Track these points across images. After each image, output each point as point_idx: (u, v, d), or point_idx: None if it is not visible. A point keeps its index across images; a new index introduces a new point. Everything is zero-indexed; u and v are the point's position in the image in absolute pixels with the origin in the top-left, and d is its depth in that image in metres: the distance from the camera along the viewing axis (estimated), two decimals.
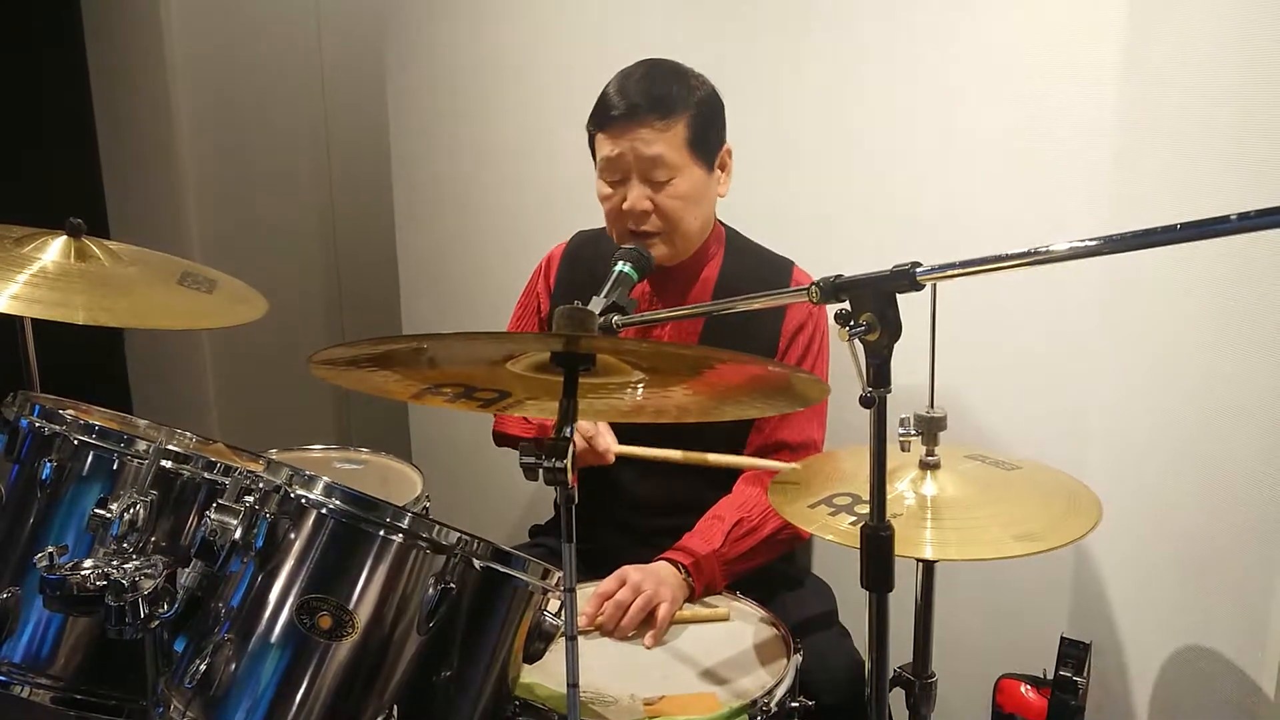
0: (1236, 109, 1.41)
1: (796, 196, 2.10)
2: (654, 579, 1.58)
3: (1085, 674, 1.58)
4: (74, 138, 3.31)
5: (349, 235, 3.46)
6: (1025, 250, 1.02)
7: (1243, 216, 0.84)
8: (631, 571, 1.58)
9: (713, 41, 2.10)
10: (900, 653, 1.42)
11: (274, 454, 1.97)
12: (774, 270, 1.82)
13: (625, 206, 1.69)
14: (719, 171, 1.77)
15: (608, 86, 1.72)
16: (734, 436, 1.77)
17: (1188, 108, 1.51)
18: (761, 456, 1.77)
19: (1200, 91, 1.49)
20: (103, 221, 3.33)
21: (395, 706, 1.22)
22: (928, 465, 1.41)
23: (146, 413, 2.35)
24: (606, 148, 1.70)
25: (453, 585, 1.24)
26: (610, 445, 1.69)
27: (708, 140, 1.72)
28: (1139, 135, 1.65)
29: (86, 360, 3.19)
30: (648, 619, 1.55)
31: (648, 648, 1.52)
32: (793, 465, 1.59)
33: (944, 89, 1.89)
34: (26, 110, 3.23)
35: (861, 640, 1.27)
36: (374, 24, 2.91)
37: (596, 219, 1.82)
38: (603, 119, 1.70)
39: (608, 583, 1.58)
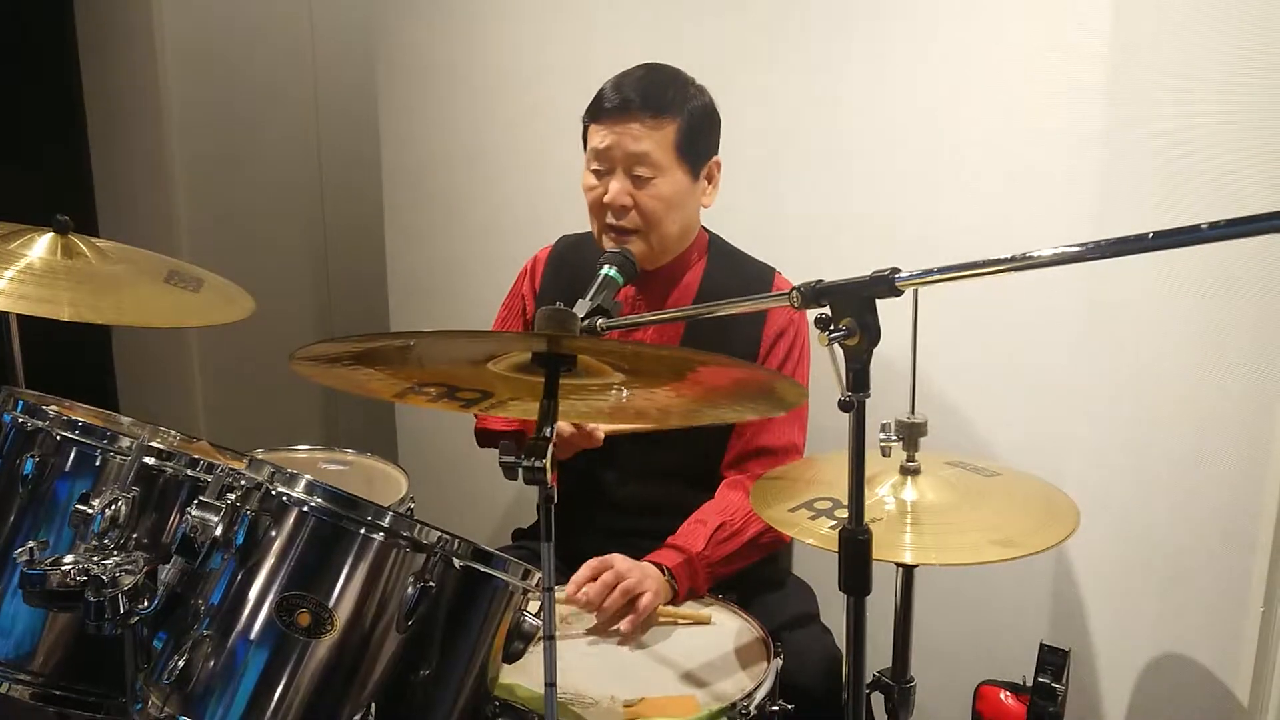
0: (1221, 119, 1.42)
1: (782, 203, 2.11)
2: (640, 570, 1.59)
3: (1064, 681, 1.59)
4: (65, 137, 3.31)
5: (338, 236, 3.47)
6: (1001, 257, 1.03)
7: (1213, 226, 0.86)
8: (619, 559, 1.59)
9: (699, 48, 2.11)
10: (880, 657, 1.43)
11: (260, 454, 1.96)
12: (756, 277, 1.84)
13: (606, 199, 1.71)
14: (705, 182, 1.78)
15: (607, 82, 1.74)
16: (715, 441, 1.78)
17: (1173, 118, 1.53)
18: (742, 461, 1.79)
19: (1185, 101, 1.50)
20: (93, 221, 3.33)
21: (373, 705, 1.22)
22: (908, 471, 1.42)
23: (133, 411, 2.34)
24: (597, 139, 1.72)
25: (432, 584, 1.24)
26: (598, 425, 1.70)
27: (696, 147, 1.73)
28: (1124, 146, 1.66)
29: (75, 358, 3.19)
30: (628, 606, 1.55)
31: (624, 632, 1.53)
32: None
33: (931, 97, 1.91)
34: (18, 109, 3.23)
35: (843, 643, 1.28)
36: (366, 24, 2.91)
37: (582, 223, 1.83)
38: (597, 111, 1.73)
39: (594, 562, 1.59)
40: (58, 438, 1.51)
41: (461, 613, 1.28)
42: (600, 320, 1.47)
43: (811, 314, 1.15)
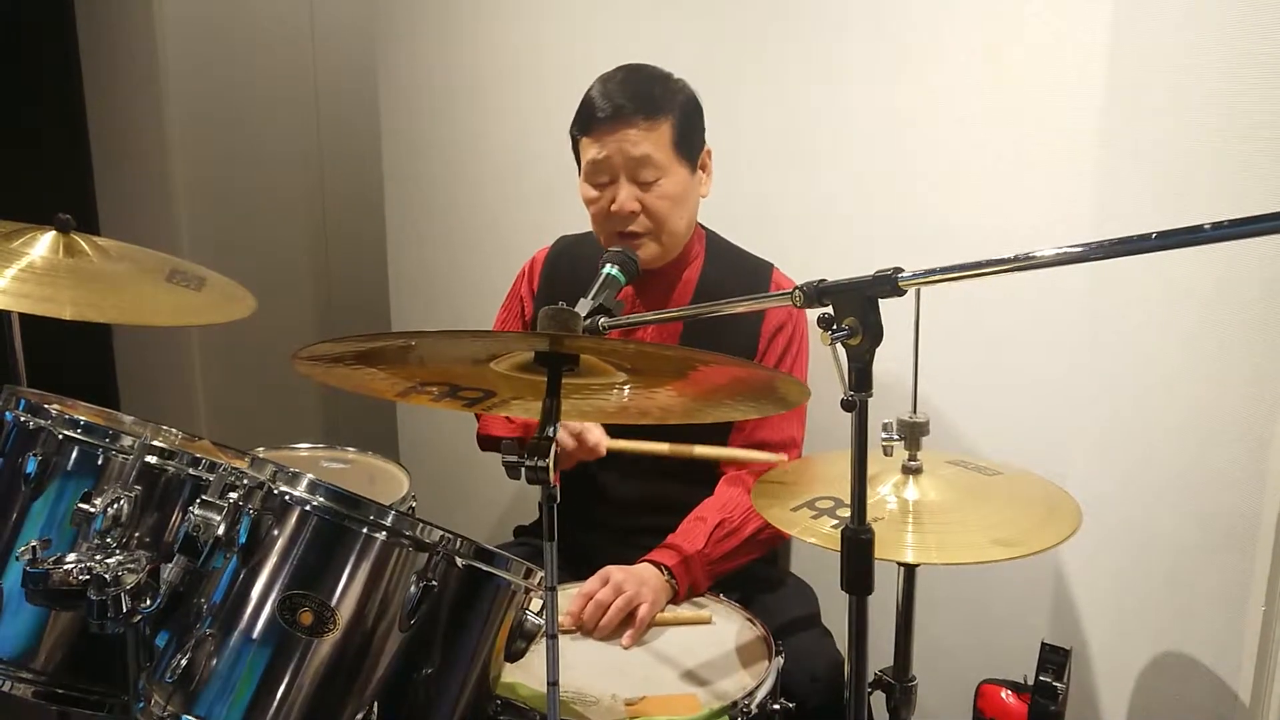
0: (1222, 117, 1.42)
1: (778, 199, 2.11)
2: (636, 580, 1.58)
3: (1065, 680, 1.59)
4: (66, 136, 3.31)
5: (339, 235, 3.47)
6: (1005, 257, 1.03)
7: (1216, 226, 0.86)
8: (614, 571, 1.59)
9: (697, 45, 2.11)
10: (882, 656, 1.43)
11: (261, 452, 1.96)
12: (754, 273, 1.84)
13: (614, 208, 1.70)
14: (701, 172, 1.79)
15: (590, 91, 1.73)
16: (714, 436, 1.78)
17: (1174, 117, 1.53)
18: None
19: (1186, 100, 1.50)
20: (95, 220, 3.33)
21: (376, 704, 1.23)
22: (910, 470, 1.42)
23: (135, 410, 2.34)
24: (593, 150, 1.70)
25: (435, 583, 1.24)
26: (601, 439, 1.69)
27: (691, 141, 1.73)
28: (1125, 146, 1.66)
29: (77, 357, 3.19)
30: (628, 619, 1.56)
31: (625, 647, 1.53)
32: (778, 456, 1.60)
33: (931, 96, 1.90)
34: (19, 108, 3.23)
35: (843, 642, 1.28)
36: (367, 23, 2.91)
37: (581, 223, 1.83)
38: (588, 122, 1.71)
39: (590, 582, 1.59)
40: (60, 436, 1.51)
41: (464, 612, 1.28)
42: (602, 319, 1.47)
43: (813, 313, 1.15)
